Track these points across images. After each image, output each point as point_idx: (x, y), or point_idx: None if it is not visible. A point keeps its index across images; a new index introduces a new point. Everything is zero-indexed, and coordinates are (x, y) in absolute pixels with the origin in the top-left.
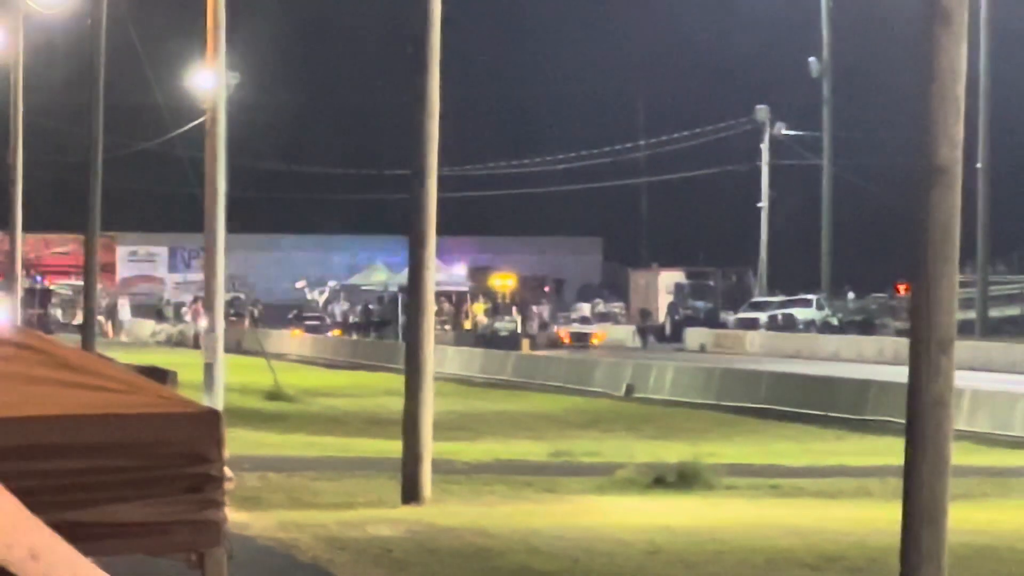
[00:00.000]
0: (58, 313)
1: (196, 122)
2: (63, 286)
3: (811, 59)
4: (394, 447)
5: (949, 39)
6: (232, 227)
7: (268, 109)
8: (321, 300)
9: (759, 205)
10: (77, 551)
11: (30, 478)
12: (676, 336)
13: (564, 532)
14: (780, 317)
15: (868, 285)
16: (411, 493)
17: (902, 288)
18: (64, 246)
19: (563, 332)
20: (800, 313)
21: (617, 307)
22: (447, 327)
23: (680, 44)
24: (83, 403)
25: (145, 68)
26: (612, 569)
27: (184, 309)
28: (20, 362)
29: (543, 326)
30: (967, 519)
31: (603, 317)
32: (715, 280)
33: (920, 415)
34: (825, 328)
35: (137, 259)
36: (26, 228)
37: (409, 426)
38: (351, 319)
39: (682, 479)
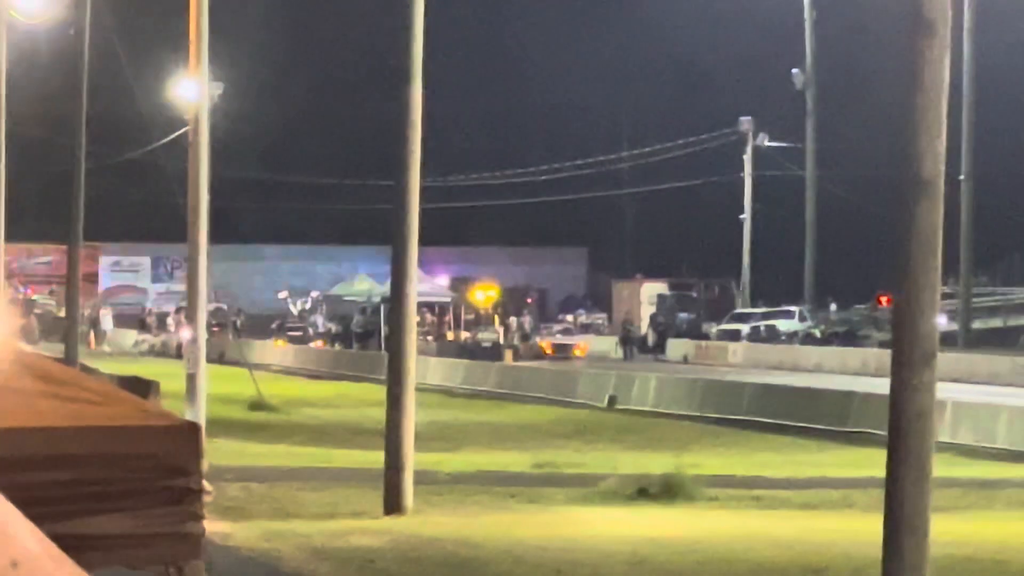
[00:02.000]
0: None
1: (179, 132)
2: (45, 296)
3: (795, 71)
4: (376, 457)
5: (933, 51)
6: (215, 237)
7: (252, 119)
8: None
9: (741, 217)
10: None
11: (8, 490)
12: (659, 347)
13: (547, 543)
14: (762, 328)
15: (851, 297)
16: (393, 503)
17: (884, 300)
18: (46, 256)
19: (546, 343)
20: (782, 324)
21: (600, 318)
22: (429, 338)
23: (664, 55)
24: (63, 415)
25: (129, 78)
26: None
27: (169, 319)
28: (1, 374)
29: (525, 337)
30: (949, 531)
31: (585, 328)
32: (698, 291)
33: (902, 426)
34: (807, 340)
35: (120, 269)
36: (8, 238)
37: (391, 436)
38: (332, 329)
39: (665, 490)
